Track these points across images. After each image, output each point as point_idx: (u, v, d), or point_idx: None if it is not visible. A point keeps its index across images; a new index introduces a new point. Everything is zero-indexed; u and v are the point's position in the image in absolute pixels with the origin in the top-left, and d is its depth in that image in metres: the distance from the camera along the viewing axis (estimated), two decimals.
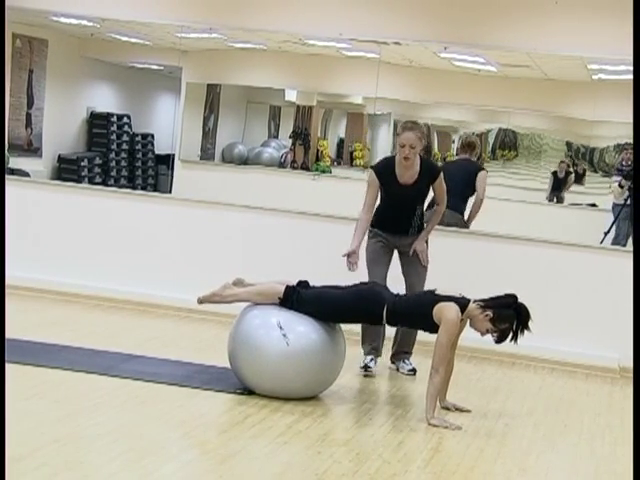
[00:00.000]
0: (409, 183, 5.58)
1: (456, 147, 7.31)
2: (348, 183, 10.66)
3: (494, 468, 4.11)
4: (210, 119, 11.17)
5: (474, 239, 6.89)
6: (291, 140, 11.23)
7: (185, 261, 7.18)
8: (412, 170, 5.59)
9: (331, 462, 3.90)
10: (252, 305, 4.95)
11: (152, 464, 3.65)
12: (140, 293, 7.06)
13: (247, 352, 4.80)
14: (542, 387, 6.00)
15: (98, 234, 7.31)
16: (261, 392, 4.82)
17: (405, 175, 5.59)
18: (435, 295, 4.84)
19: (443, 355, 4.68)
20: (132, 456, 3.71)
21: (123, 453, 3.73)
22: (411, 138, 5.49)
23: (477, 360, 6.48)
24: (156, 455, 3.78)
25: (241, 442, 4.06)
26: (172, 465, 3.68)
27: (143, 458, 3.70)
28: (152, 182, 13.09)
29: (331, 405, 4.90)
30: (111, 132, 12.32)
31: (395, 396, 5.35)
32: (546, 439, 4.71)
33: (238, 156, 11.37)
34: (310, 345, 4.77)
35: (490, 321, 4.73)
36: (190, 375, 5.12)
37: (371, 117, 10.87)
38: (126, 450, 3.78)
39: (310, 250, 7.02)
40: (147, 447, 3.85)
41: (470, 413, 4.99)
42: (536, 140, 9.93)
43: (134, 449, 3.79)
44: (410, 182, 5.58)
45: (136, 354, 5.46)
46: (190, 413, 4.45)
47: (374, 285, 5.10)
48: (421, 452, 4.20)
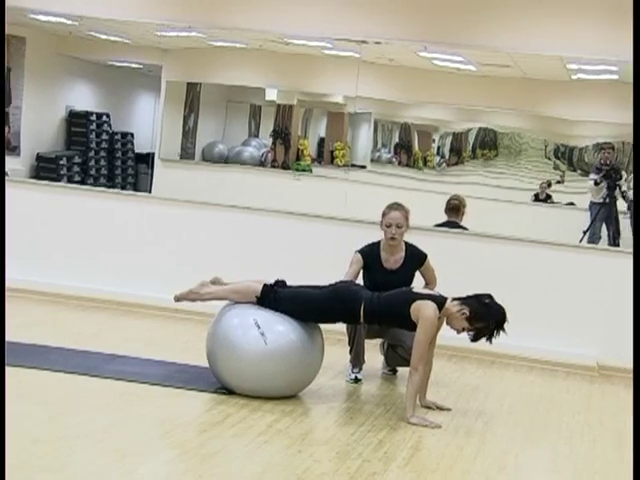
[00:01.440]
0: (394, 268, 5.52)
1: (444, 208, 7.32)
2: (328, 182, 10.68)
3: (474, 466, 4.14)
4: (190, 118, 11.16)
5: (454, 238, 6.93)
6: (271, 139, 11.23)
7: (167, 260, 7.18)
8: (397, 254, 5.55)
9: (311, 461, 3.92)
10: (230, 304, 4.96)
11: (133, 464, 3.66)
12: (123, 293, 7.06)
13: (225, 352, 4.81)
14: (522, 385, 6.05)
15: (77, 234, 7.30)
16: (241, 391, 4.83)
17: (390, 259, 5.54)
18: (412, 293, 4.87)
19: (421, 353, 4.71)
20: (113, 456, 3.71)
21: (104, 453, 3.74)
22: (397, 217, 5.48)
23: (457, 359, 6.51)
24: (137, 455, 3.79)
25: (221, 442, 4.08)
26: (152, 465, 3.69)
27: (124, 458, 3.71)
28: (132, 181, 13.06)
29: (311, 404, 4.92)
30: (90, 131, 12.28)
31: (375, 395, 5.37)
32: (525, 437, 4.75)
33: (218, 155, 11.37)
34: (289, 344, 4.79)
35: (466, 319, 4.77)
36: (171, 375, 5.13)
37: (352, 116, 10.89)
38: (108, 450, 3.78)
39: (290, 249, 7.04)
40: (128, 447, 3.86)
41: (450, 412, 5.02)
42: (516, 139, 9.99)
43: (116, 449, 3.80)
44: (395, 267, 5.53)
45: (119, 354, 5.47)
46: (170, 413, 4.46)
47: (351, 284, 5.13)
48: (401, 451, 4.22)
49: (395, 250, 5.54)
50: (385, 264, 5.54)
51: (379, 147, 11.47)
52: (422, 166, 11.19)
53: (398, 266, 5.52)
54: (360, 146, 11.44)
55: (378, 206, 5.68)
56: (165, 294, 6.52)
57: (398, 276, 5.49)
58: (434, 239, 6.83)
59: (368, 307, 4.83)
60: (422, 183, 10.70)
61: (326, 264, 6.50)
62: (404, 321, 4.82)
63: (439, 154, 11.30)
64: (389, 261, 5.54)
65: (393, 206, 5.55)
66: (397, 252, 5.54)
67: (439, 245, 6.82)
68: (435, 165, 11.21)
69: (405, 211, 5.53)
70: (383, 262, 5.54)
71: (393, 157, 11.40)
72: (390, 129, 11.52)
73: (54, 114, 11.55)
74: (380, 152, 11.51)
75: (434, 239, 6.83)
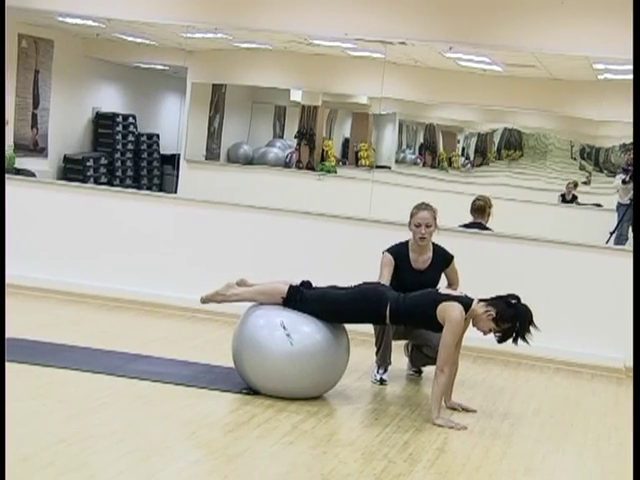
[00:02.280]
0: (422, 269, 5.51)
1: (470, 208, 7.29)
2: (353, 183, 10.66)
3: (500, 468, 4.11)
4: (215, 119, 11.18)
5: (479, 239, 6.89)
6: (296, 140, 11.23)
7: (190, 261, 7.19)
8: (425, 255, 5.54)
9: (336, 462, 3.90)
10: (256, 305, 4.96)
11: (158, 464, 3.66)
12: (146, 293, 7.08)
13: (251, 352, 4.80)
14: (548, 387, 6.00)
15: (104, 234, 7.33)
16: (266, 392, 4.83)
17: (419, 260, 5.53)
18: (438, 294, 4.84)
19: (448, 355, 4.68)
20: (138, 456, 3.72)
21: (129, 453, 3.74)
22: (426, 217, 5.47)
23: (482, 360, 6.48)
24: (162, 455, 3.79)
25: (247, 442, 4.07)
26: (177, 465, 3.68)
27: (149, 458, 3.71)
28: (157, 182, 13.11)
29: (336, 405, 4.90)
30: (116, 132, 12.33)
31: (400, 396, 5.35)
32: (552, 439, 4.71)
33: (243, 156, 11.38)
34: (314, 345, 4.78)
35: (493, 321, 4.73)
36: (196, 375, 5.13)
37: (376, 117, 10.87)
38: (132, 450, 3.78)
39: (315, 250, 7.03)
40: (153, 447, 3.86)
41: (476, 413, 4.99)
42: (541, 140, 9.92)
43: (140, 449, 3.80)
44: (423, 268, 5.52)
45: (142, 354, 5.48)
46: (196, 413, 4.46)
47: (377, 285, 5.10)
48: (427, 452, 4.20)
49: (424, 250, 5.52)
50: (414, 264, 5.52)
51: (404, 148, 11.44)
52: (447, 167, 11.15)
53: (426, 266, 5.51)
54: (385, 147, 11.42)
55: (403, 207, 5.66)
56: (188, 294, 6.55)
57: (426, 277, 5.48)
58: (459, 240, 6.78)
59: (394, 308, 4.81)
60: (447, 184, 10.66)
61: (351, 265, 6.49)
62: (430, 322, 4.79)
63: (464, 155, 11.25)
64: (418, 261, 5.53)
65: (421, 206, 5.52)
66: (425, 252, 5.53)
67: (464, 246, 6.77)
68: (460, 166, 11.16)
69: (433, 211, 5.51)
70: (412, 262, 5.53)
71: (418, 158, 11.37)
72: (415, 130, 11.49)
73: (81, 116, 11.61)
74: (405, 153, 11.48)
75: (459, 240, 6.78)
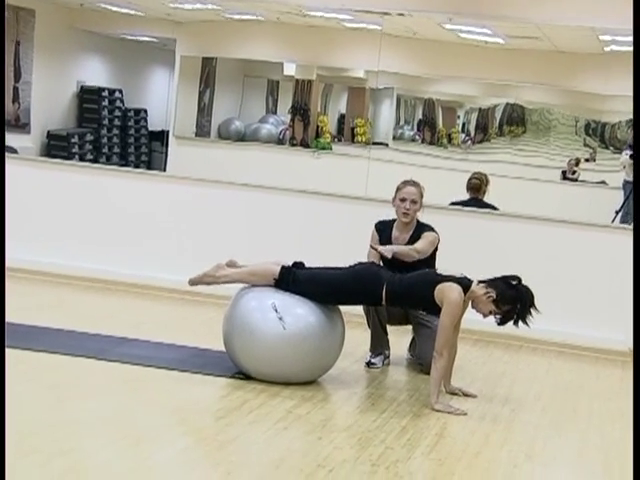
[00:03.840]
0: None
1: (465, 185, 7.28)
2: (349, 160, 10.66)
3: (500, 454, 4.13)
4: (206, 94, 11.15)
5: (478, 217, 6.90)
6: (290, 116, 11.22)
7: (179, 241, 7.19)
8: (407, 233, 5.52)
9: (332, 448, 3.92)
10: (248, 287, 4.96)
11: (146, 451, 3.68)
12: (133, 274, 7.08)
13: (243, 336, 4.81)
14: (549, 371, 6.03)
15: (89, 213, 7.32)
16: (259, 377, 4.84)
17: (400, 238, 5.52)
18: (437, 275, 4.85)
19: (446, 338, 4.70)
20: (126, 442, 3.73)
21: (117, 439, 3.76)
22: (413, 192, 5.45)
23: (482, 343, 6.50)
24: (151, 441, 3.81)
25: (239, 428, 4.08)
26: (167, 452, 3.70)
27: (137, 444, 3.73)
28: (145, 159, 13.09)
29: (331, 390, 4.92)
30: (102, 107, 12.29)
31: (398, 381, 5.37)
32: (554, 425, 4.74)
33: (235, 132, 11.37)
34: (308, 328, 4.79)
35: (493, 302, 4.75)
36: (185, 359, 5.14)
37: (373, 92, 10.84)
38: (120, 436, 3.80)
39: (309, 230, 7.02)
40: (141, 433, 3.88)
41: (475, 398, 5.02)
42: (545, 115, 9.92)
43: (128, 435, 3.82)
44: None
45: (130, 337, 5.48)
46: (186, 398, 4.47)
47: (372, 265, 5.11)
48: (425, 438, 4.22)
49: (406, 228, 5.52)
50: (394, 242, 5.52)
51: (402, 124, 11.43)
52: (446, 143, 11.15)
53: (403, 245, 5.48)
54: (382, 123, 11.41)
55: None
56: (177, 275, 6.54)
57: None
58: (456, 218, 6.80)
59: (389, 289, 4.81)
60: (446, 161, 10.67)
61: (346, 245, 6.49)
62: (427, 304, 4.81)
63: (464, 131, 11.25)
64: (398, 239, 5.53)
65: (409, 181, 5.53)
66: (408, 231, 5.52)
67: (461, 224, 6.79)
68: (460, 142, 11.16)
69: (420, 188, 5.50)
70: (393, 240, 5.53)
71: (416, 134, 11.36)
72: (413, 105, 11.47)
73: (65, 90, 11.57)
74: (403, 129, 11.47)
75: (456, 218, 6.80)
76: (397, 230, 5.55)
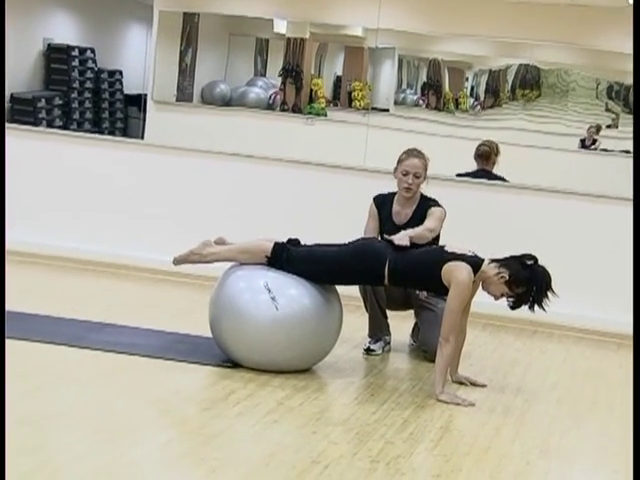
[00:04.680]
0: (401, 224, 5.46)
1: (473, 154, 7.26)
2: (346, 128, 10.66)
3: (512, 449, 4.15)
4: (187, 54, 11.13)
5: (487, 190, 6.90)
6: (280, 78, 11.22)
7: (161, 217, 7.18)
8: (409, 208, 5.52)
9: (327, 443, 3.94)
10: (236, 265, 4.97)
11: (124, 446, 3.69)
12: (110, 253, 7.08)
13: (231, 319, 4.82)
14: (567, 358, 6.06)
15: (58, 185, 7.31)
16: (247, 364, 4.86)
17: (401, 213, 5.52)
18: (444, 252, 4.85)
19: (453, 322, 4.71)
20: (102, 437, 3.75)
21: (92, 433, 3.77)
22: (417, 165, 5.44)
23: (493, 328, 6.53)
24: (129, 436, 3.82)
25: (225, 421, 4.10)
26: (147, 447, 3.72)
27: (114, 439, 3.74)
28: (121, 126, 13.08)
29: (327, 379, 4.94)
30: (72, 68, 12.26)
31: (400, 369, 5.39)
32: (571, 417, 4.76)
33: (220, 97, 11.36)
34: (302, 310, 4.79)
35: (505, 284, 4.76)
36: (167, 345, 5.15)
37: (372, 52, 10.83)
38: (95, 430, 3.81)
39: (303, 204, 7.03)
40: (119, 427, 3.89)
41: (485, 388, 5.04)
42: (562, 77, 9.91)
43: (104, 429, 3.83)
44: (402, 222, 5.48)
45: (106, 322, 5.49)
46: (167, 388, 4.49)
47: (374, 241, 5.12)
48: (429, 432, 4.24)
49: (408, 203, 5.52)
50: (395, 218, 5.53)
51: (404, 87, 11.43)
52: (453, 109, 11.16)
53: (405, 221, 5.49)
54: (382, 86, 11.41)
55: None
56: (159, 254, 6.55)
57: None
58: (463, 191, 6.81)
59: (392, 267, 4.82)
60: (453, 128, 10.68)
61: (342, 220, 6.50)
62: (434, 284, 4.82)
63: (473, 95, 11.26)
64: (400, 215, 5.54)
65: (412, 152, 5.52)
66: (410, 205, 5.53)
67: (470, 198, 6.79)
68: (468, 108, 11.17)
69: (425, 160, 5.50)
70: (393, 215, 5.54)
71: (420, 99, 11.37)
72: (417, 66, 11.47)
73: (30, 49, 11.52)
74: (405, 93, 11.47)
75: (463, 191, 6.81)
76: (398, 204, 5.56)
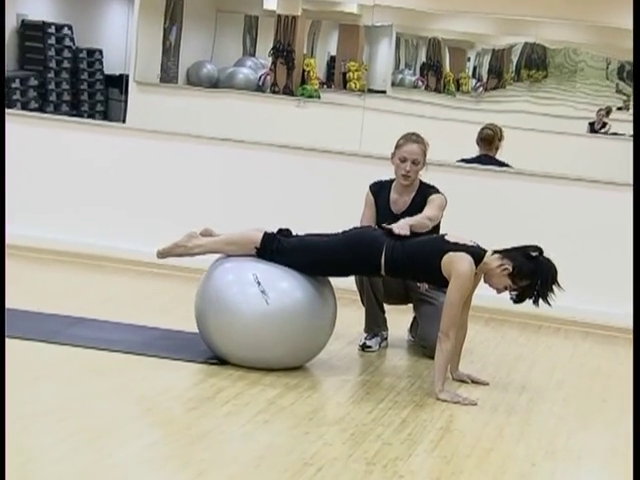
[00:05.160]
0: (399, 212, 5.48)
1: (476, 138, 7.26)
2: (340, 110, 10.64)
3: (516, 450, 4.17)
4: (172, 32, 11.10)
5: (491, 177, 6.91)
6: (271, 58, 11.19)
7: (145, 206, 7.19)
8: (407, 196, 5.54)
9: (321, 444, 3.95)
10: (224, 257, 4.98)
11: (106, 447, 3.70)
12: (90, 244, 7.08)
13: (218, 314, 4.83)
14: (574, 355, 6.08)
15: (33, 173, 7.30)
16: (236, 361, 4.87)
17: (399, 201, 5.53)
18: (445, 242, 4.86)
19: (453, 316, 4.72)
20: (83, 438, 3.75)
21: (72, 434, 3.78)
22: (415, 152, 5.45)
23: (496, 323, 6.54)
24: (111, 437, 3.83)
25: (213, 421, 4.11)
26: (130, 448, 3.72)
27: (95, 440, 3.75)
28: (101, 109, 13.05)
29: (320, 377, 4.95)
30: (48, 46, 12.22)
31: (397, 366, 5.41)
32: (579, 417, 4.79)
33: (207, 78, 11.34)
34: (294, 304, 4.80)
35: (509, 276, 4.77)
36: (151, 342, 5.16)
37: (368, 30, 10.82)
38: (76, 431, 3.82)
39: (295, 191, 7.03)
40: (100, 427, 3.90)
41: (487, 386, 5.05)
42: (570, 57, 9.91)
43: (85, 430, 3.84)
44: (401, 211, 5.49)
45: (87, 317, 5.49)
46: (152, 387, 4.50)
47: (369, 229, 5.13)
48: (429, 432, 4.26)
49: (406, 191, 5.53)
50: (392, 206, 5.55)
51: (402, 68, 11.42)
52: (454, 91, 11.15)
53: (403, 210, 5.51)
54: (379, 67, 11.39)
55: None
56: (143, 245, 6.56)
57: None
58: (464, 177, 6.81)
59: (389, 256, 4.83)
60: (454, 111, 10.67)
61: (337, 209, 6.51)
62: (433, 275, 4.83)
63: (475, 76, 11.25)
64: (397, 203, 5.55)
65: (411, 137, 5.52)
66: (409, 193, 5.54)
67: (471, 185, 6.80)
68: (470, 89, 11.16)
69: (424, 145, 5.51)
70: (391, 204, 5.56)
71: (419, 80, 11.36)
72: (415, 46, 11.45)
73: None
74: (403, 74, 11.46)
75: (464, 177, 6.81)
76: (396, 192, 5.57)
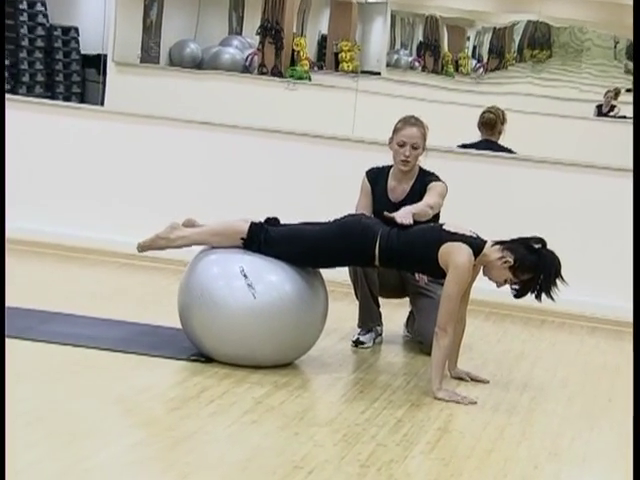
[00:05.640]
0: (398, 201, 5.49)
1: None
2: (332, 93, 10.65)
3: (518, 452, 4.18)
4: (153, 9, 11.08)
5: (491, 163, 6.91)
6: (258, 37, 11.18)
7: (125, 194, 7.18)
8: (406, 183, 5.54)
9: (311, 446, 3.96)
10: (208, 249, 4.98)
11: (84, 450, 3.70)
12: (68, 235, 7.07)
13: (203, 308, 4.83)
14: (580, 351, 6.09)
15: (8, 159, 7.28)
16: (222, 359, 4.88)
17: (397, 189, 5.54)
18: (443, 232, 4.86)
19: (451, 310, 4.73)
20: (59, 440, 3.75)
21: (47, 436, 3.78)
22: (415, 135, 5.45)
23: (497, 317, 6.56)
24: (89, 439, 3.83)
25: (197, 422, 4.11)
26: (109, 451, 3.72)
27: (72, 442, 3.75)
28: (77, 91, 13.01)
29: (311, 375, 4.97)
30: (20, 24, 12.17)
31: (393, 363, 5.41)
32: (584, 417, 4.80)
33: (190, 58, 11.33)
34: (283, 298, 4.81)
35: (510, 269, 4.78)
36: (132, 338, 5.17)
37: (362, 7, 10.82)
38: (51, 432, 3.82)
39: (285, 179, 7.03)
40: (77, 429, 3.90)
41: (488, 384, 5.07)
42: (576, 36, 9.92)
43: (61, 431, 3.84)
44: (399, 199, 5.50)
45: (63, 312, 5.49)
46: (132, 386, 4.50)
47: (362, 217, 5.13)
48: (425, 433, 4.27)
49: (405, 178, 5.54)
50: (390, 194, 5.55)
51: (397, 48, 11.43)
52: (453, 72, 11.16)
53: (402, 198, 5.51)
54: (373, 47, 11.40)
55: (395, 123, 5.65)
56: (122, 236, 6.56)
57: None
58: (465, 164, 6.81)
59: (384, 245, 4.83)
60: (453, 94, 10.68)
61: (330, 197, 6.51)
62: (429, 266, 4.84)
63: (475, 56, 11.26)
64: (395, 191, 5.55)
65: (410, 120, 5.52)
66: (407, 181, 5.55)
67: (471, 171, 6.80)
68: (470, 71, 11.18)
69: (424, 128, 5.51)
70: (388, 191, 5.56)
71: (415, 61, 11.37)
72: (412, 24, 11.46)
73: None
74: (399, 54, 11.46)
75: (465, 164, 6.81)
76: (394, 179, 5.57)
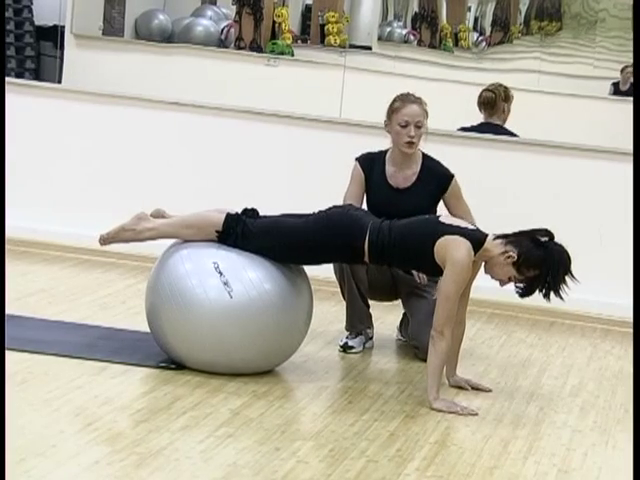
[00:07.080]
0: (402, 187, 5.49)
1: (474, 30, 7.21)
2: (318, 70, 10.64)
3: (524, 469, 4.18)
4: None
5: (494, 148, 6.92)
6: (235, 8, 11.17)
7: (85, 181, 7.17)
8: (410, 169, 5.53)
9: (294, 462, 3.95)
10: (179, 243, 4.97)
11: (38, 468, 3.68)
12: (19, 227, 7.06)
13: (173, 309, 4.83)
14: (593, 357, 6.10)
15: None
16: (195, 366, 4.88)
17: (398, 175, 5.53)
18: (439, 224, 4.86)
19: (449, 311, 4.73)
20: (10, 458, 3.73)
21: None
22: (417, 113, 5.42)
23: (500, 319, 6.56)
24: (44, 456, 3.81)
25: (167, 436, 4.11)
26: (66, 470, 3.71)
27: (25, 460, 3.73)
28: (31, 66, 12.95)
29: (294, 383, 4.97)
30: None
31: (384, 370, 5.41)
32: (597, 429, 4.80)
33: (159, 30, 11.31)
34: (262, 298, 4.80)
35: (513, 265, 4.78)
36: (93, 343, 5.16)
37: None
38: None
39: (265, 164, 7.03)
40: (31, 445, 3.88)
41: (490, 393, 5.07)
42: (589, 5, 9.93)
43: (13, 448, 3.81)
44: (404, 186, 5.50)
45: (14, 314, 5.47)
46: (93, 396, 4.49)
47: (350, 208, 5.13)
48: (421, 447, 4.27)
49: (408, 162, 5.52)
50: (391, 180, 5.53)
51: (390, 20, 11.43)
52: (452, 47, 11.16)
53: (409, 185, 5.51)
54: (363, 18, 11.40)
55: (388, 104, 5.64)
56: (82, 229, 6.54)
57: (407, 199, 5.45)
58: (464, 149, 6.81)
59: (374, 239, 4.83)
60: (452, 71, 10.69)
61: (315, 185, 6.51)
62: (425, 263, 4.84)
63: (477, 29, 11.27)
64: (397, 177, 5.53)
65: (409, 97, 5.50)
66: (410, 165, 5.53)
67: (470, 158, 6.79)
68: (471, 45, 11.18)
69: (424, 105, 5.49)
70: (388, 177, 5.54)
71: (410, 34, 11.37)
72: None
73: None
74: (392, 27, 11.47)
75: (464, 149, 6.81)
76: (393, 165, 5.55)
